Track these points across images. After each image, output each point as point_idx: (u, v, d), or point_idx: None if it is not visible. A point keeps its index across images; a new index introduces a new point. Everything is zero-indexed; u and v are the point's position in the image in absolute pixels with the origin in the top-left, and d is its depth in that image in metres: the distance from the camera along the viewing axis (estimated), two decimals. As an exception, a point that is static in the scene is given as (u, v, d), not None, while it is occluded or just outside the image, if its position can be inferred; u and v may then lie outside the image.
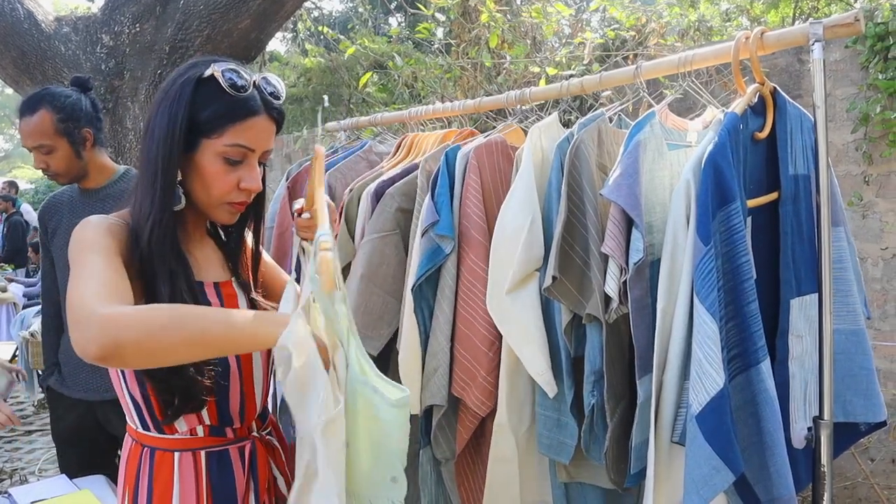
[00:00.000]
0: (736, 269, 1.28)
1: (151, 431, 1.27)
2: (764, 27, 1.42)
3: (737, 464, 1.20)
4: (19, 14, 4.28)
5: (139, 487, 1.26)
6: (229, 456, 1.29)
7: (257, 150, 1.21)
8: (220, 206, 1.23)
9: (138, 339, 0.95)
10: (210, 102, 1.18)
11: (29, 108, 2.17)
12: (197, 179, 1.21)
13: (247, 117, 1.19)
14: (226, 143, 1.18)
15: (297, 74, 8.45)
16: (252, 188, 1.22)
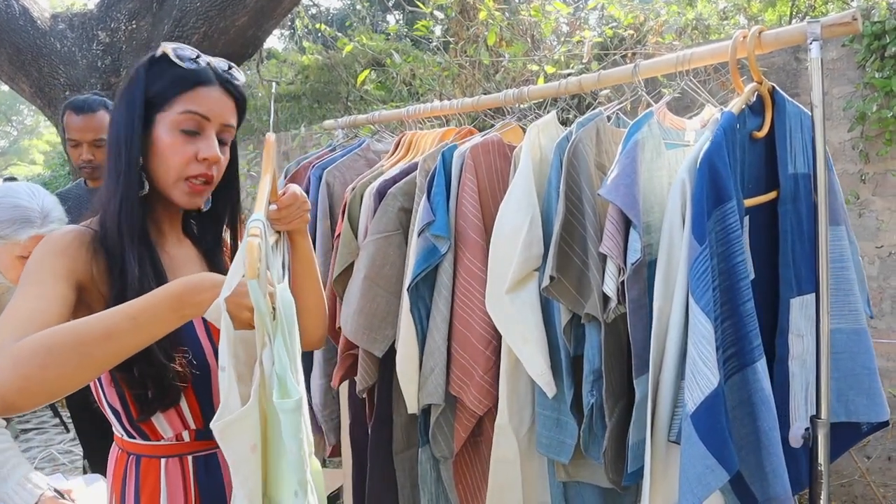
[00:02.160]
0: (732, 268, 1.28)
1: (136, 439, 1.25)
2: (762, 26, 1.42)
3: (731, 462, 1.20)
4: (14, 10, 4.26)
5: (126, 495, 1.24)
6: (217, 459, 1.27)
7: (213, 120, 1.20)
8: (178, 183, 1.19)
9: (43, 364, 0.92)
10: (161, 76, 1.19)
11: (89, 107, 2.47)
12: (156, 156, 1.19)
13: (196, 85, 1.19)
14: (178, 111, 1.17)
15: (294, 72, 8.44)
16: (209, 156, 1.18)
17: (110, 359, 0.98)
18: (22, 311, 1.02)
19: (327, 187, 2.19)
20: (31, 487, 1.84)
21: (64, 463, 4.53)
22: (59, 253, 1.12)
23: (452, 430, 1.82)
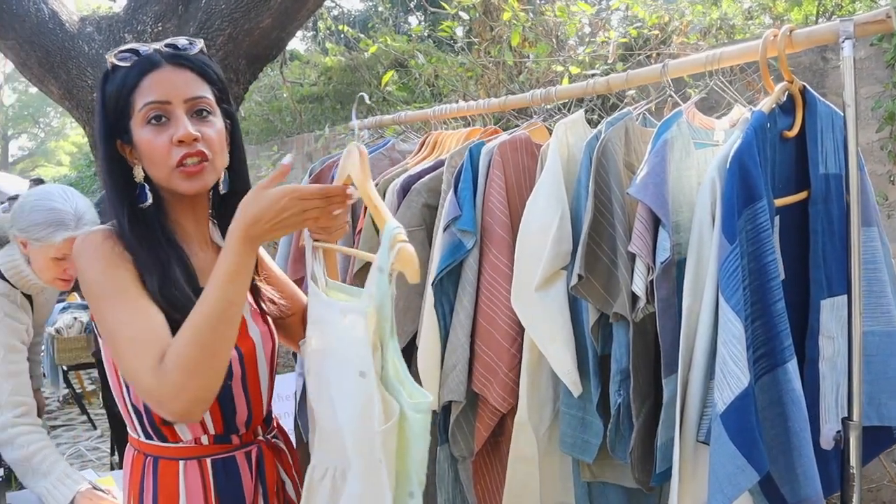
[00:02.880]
0: (762, 268, 1.27)
1: (154, 440, 1.24)
2: (792, 25, 1.41)
3: (762, 463, 1.19)
4: (44, 14, 4.33)
5: (143, 497, 1.23)
6: (236, 462, 1.27)
7: (174, 101, 1.16)
8: (171, 174, 1.17)
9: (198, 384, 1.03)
10: (113, 86, 1.17)
11: None
12: (145, 161, 1.18)
13: (142, 76, 1.16)
14: (139, 108, 1.16)
15: (317, 73, 8.49)
16: (183, 136, 1.14)
17: (237, 325, 1.08)
18: (138, 332, 1.08)
19: (352, 187, 2.21)
20: (70, 483, 1.88)
21: (91, 459, 4.59)
22: (114, 263, 1.14)
23: (473, 428, 1.82)
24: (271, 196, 1.06)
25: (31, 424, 1.95)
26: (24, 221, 1.97)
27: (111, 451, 4.00)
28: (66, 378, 5.23)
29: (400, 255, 1.01)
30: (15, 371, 1.97)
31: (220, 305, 1.05)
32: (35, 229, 1.96)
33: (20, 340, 2.03)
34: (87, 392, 5.73)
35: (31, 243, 1.98)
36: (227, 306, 1.05)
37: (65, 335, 4.69)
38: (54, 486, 1.87)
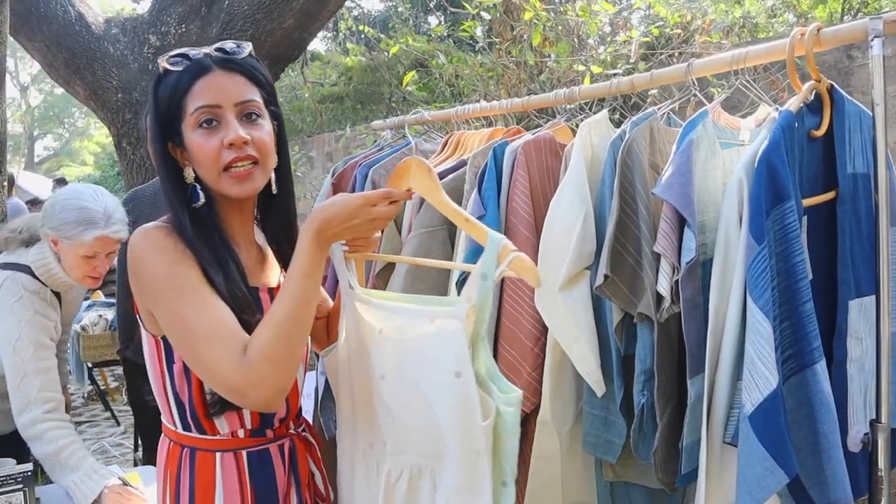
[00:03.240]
0: (791, 268, 1.26)
1: (192, 432, 1.27)
2: (820, 23, 1.40)
3: (791, 465, 1.18)
4: (71, 16, 4.40)
5: (181, 487, 1.26)
6: (270, 454, 1.30)
7: (224, 105, 1.18)
8: (221, 178, 1.20)
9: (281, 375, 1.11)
10: (165, 90, 1.20)
11: None
12: (195, 164, 1.21)
13: (195, 80, 1.18)
14: (191, 112, 1.18)
15: (337, 73, 8.53)
16: (233, 139, 1.17)
17: (311, 321, 1.16)
18: (215, 327, 1.13)
19: (373, 185, 2.22)
20: (98, 478, 1.91)
21: (115, 455, 4.65)
22: (179, 259, 1.17)
23: None
24: (344, 201, 1.14)
25: (60, 420, 1.97)
26: (55, 220, 2.01)
27: (134, 447, 4.05)
28: (90, 375, 5.30)
29: (518, 265, 1.10)
30: (44, 368, 2.00)
31: (298, 302, 1.12)
32: (66, 228, 1.99)
33: (49, 337, 2.06)
34: (110, 389, 5.80)
35: (62, 241, 2.02)
36: (304, 304, 1.13)
37: (90, 332, 4.75)
38: (82, 481, 1.90)
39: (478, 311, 1.10)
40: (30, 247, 2.13)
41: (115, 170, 12.24)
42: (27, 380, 1.97)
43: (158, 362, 1.27)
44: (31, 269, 2.08)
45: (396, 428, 1.22)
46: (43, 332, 2.04)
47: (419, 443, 1.19)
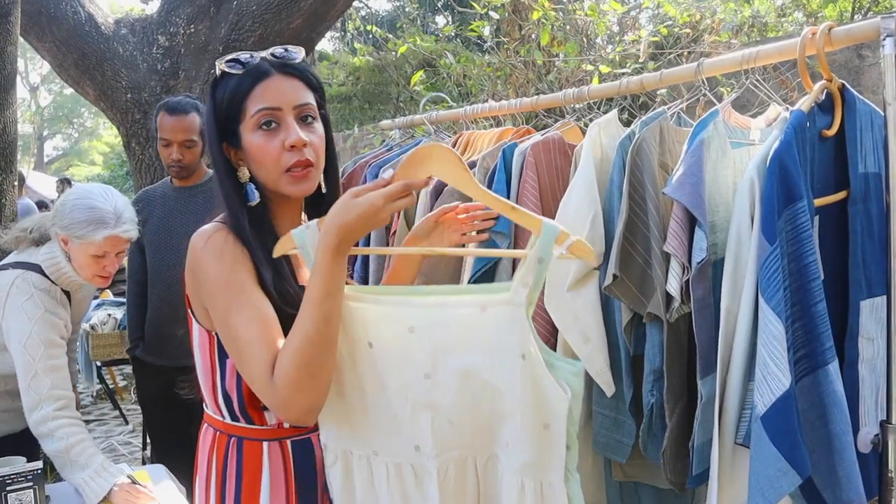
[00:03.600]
0: (803, 268, 1.26)
1: (240, 422, 1.32)
2: (831, 23, 1.39)
3: (804, 466, 1.18)
4: (81, 17, 4.41)
5: (227, 475, 1.32)
6: (311, 443, 1.34)
7: (284, 108, 1.22)
8: (281, 178, 1.23)
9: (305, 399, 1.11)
10: (225, 92, 1.24)
11: (182, 108, 2.62)
12: (254, 164, 1.25)
13: (256, 83, 1.23)
14: (251, 114, 1.22)
15: (345, 73, 8.54)
16: (295, 142, 1.21)
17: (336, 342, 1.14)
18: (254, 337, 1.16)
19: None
20: (107, 475, 1.92)
21: (124, 454, 4.67)
22: (238, 261, 1.21)
23: None
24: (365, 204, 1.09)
25: (71, 418, 1.98)
26: (65, 219, 2.02)
27: (143, 445, 4.06)
28: (99, 374, 5.32)
29: (578, 247, 1.15)
30: (55, 366, 2.01)
31: (318, 325, 1.09)
32: (76, 227, 2.01)
33: (59, 336, 2.07)
34: (119, 388, 5.82)
35: (72, 241, 2.03)
36: (325, 325, 1.10)
37: (99, 331, 4.78)
38: (91, 479, 1.91)
39: (533, 294, 1.14)
40: (40, 246, 2.14)
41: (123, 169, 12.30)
42: (38, 378, 1.98)
43: (210, 356, 1.33)
44: (42, 267, 2.09)
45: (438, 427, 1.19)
46: (53, 330, 2.05)
47: (470, 435, 1.19)
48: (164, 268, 2.70)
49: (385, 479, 1.24)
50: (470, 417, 1.19)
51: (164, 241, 2.71)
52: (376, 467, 1.24)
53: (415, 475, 1.22)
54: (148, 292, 2.76)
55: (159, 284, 2.72)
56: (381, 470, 1.24)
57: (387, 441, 1.23)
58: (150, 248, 2.73)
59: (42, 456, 2.14)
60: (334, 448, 1.26)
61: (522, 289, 1.13)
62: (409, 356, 1.19)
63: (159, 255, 2.72)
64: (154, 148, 2.93)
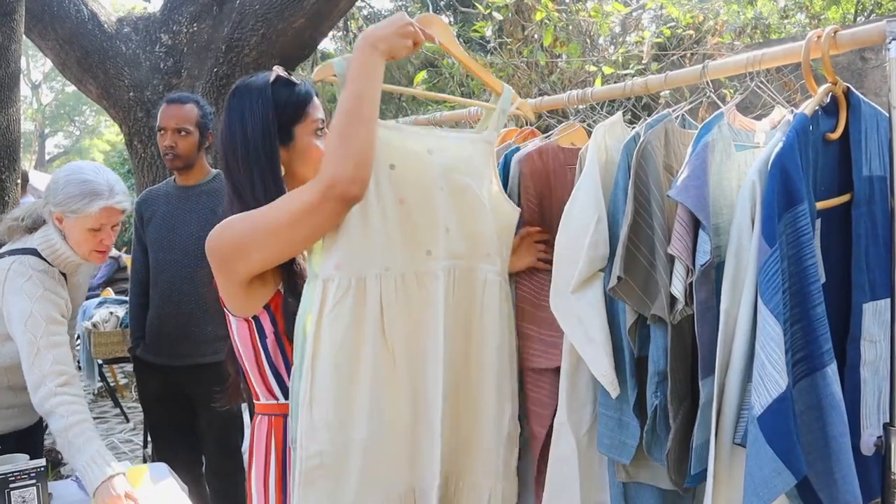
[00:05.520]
0: (802, 271, 1.26)
1: None
2: (836, 25, 1.39)
3: (799, 467, 1.18)
4: (84, 15, 4.42)
5: (287, 456, 1.43)
6: None
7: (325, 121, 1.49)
8: None
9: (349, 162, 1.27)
10: (287, 94, 1.44)
11: (180, 99, 2.71)
12: (303, 162, 1.46)
13: (313, 96, 1.49)
14: (310, 121, 1.46)
15: (347, 73, 8.49)
16: None
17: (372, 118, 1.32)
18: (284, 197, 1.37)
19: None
20: (101, 465, 1.87)
21: (125, 452, 4.68)
22: None
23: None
24: (391, 17, 1.40)
25: (73, 395, 1.97)
26: (59, 195, 2.03)
27: (144, 443, 4.07)
28: (100, 372, 5.33)
29: (523, 106, 1.79)
30: (56, 342, 2.00)
31: (353, 100, 1.30)
32: (71, 202, 2.02)
33: (60, 313, 2.07)
34: (120, 386, 5.83)
35: (67, 217, 2.04)
36: (357, 101, 1.30)
37: (101, 329, 4.78)
38: (88, 466, 1.88)
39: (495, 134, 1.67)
40: (33, 233, 2.14)
41: (125, 168, 12.28)
42: (40, 355, 1.97)
43: (252, 343, 1.45)
44: (38, 251, 2.09)
45: (451, 236, 1.49)
46: (55, 307, 2.05)
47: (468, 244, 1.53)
48: (167, 266, 2.71)
49: (394, 291, 1.40)
50: (468, 228, 1.51)
51: (166, 239, 2.71)
52: (385, 283, 1.40)
53: (418, 282, 1.44)
54: (150, 291, 2.76)
55: (161, 283, 2.73)
56: (390, 284, 1.40)
57: (399, 253, 1.43)
58: (153, 248, 2.74)
59: (43, 454, 2.14)
60: (346, 275, 1.38)
61: (493, 132, 1.64)
62: (427, 173, 1.47)
63: (162, 254, 2.72)
64: (156, 146, 2.95)
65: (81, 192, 2.02)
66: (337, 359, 1.35)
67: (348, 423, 1.35)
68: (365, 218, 1.38)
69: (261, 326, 1.44)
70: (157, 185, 3.01)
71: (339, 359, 1.35)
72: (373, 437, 1.36)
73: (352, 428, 1.35)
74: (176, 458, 2.57)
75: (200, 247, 2.65)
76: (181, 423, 2.81)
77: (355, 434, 1.35)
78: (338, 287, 1.36)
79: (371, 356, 1.37)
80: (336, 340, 1.35)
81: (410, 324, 1.43)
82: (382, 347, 1.39)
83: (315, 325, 1.35)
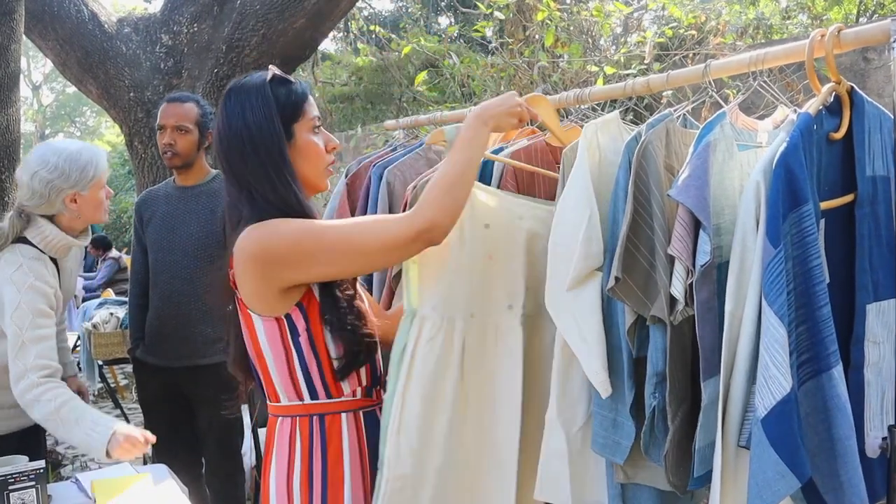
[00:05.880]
0: (807, 272, 1.25)
1: (319, 398, 1.45)
2: (840, 25, 1.39)
3: (803, 470, 1.17)
4: (84, 15, 4.42)
5: (313, 457, 1.44)
6: (376, 415, 1.52)
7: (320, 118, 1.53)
8: (322, 173, 1.51)
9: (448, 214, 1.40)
10: (285, 92, 1.45)
11: (181, 98, 2.72)
12: (304, 160, 1.47)
13: (308, 93, 1.51)
14: (309, 118, 1.48)
15: (348, 73, 8.54)
16: (335, 144, 1.55)
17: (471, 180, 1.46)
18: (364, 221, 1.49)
19: (388, 186, 2.21)
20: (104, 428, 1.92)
21: (125, 453, 4.65)
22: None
23: None
24: (503, 96, 1.53)
25: (57, 383, 1.98)
26: (71, 177, 2.09)
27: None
28: (100, 373, 5.32)
29: None
30: (41, 336, 2.01)
31: (463, 165, 1.42)
32: (83, 174, 2.11)
33: (49, 305, 2.07)
34: (120, 387, 5.83)
35: (83, 191, 2.12)
36: (467, 167, 1.43)
37: (101, 330, 4.78)
38: (89, 435, 1.91)
39: None
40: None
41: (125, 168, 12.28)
42: (24, 348, 1.97)
43: (283, 342, 1.44)
44: (27, 238, 2.11)
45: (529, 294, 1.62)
46: (43, 299, 2.05)
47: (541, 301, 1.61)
48: (166, 267, 2.70)
49: (475, 336, 1.53)
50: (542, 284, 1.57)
51: (166, 240, 2.70)
52: (469, 327, 1.53)
53: (496, 332, 1.55)
54: (150, 292, 2.76)
55: (161, 284, 2.72)
56: (474, 328, 1.53)
57: (484, 303, 1.55)
58: (153, 248, 2.73)
59: (45, 455, 2.14)
60: (440, 315, 1.53)
61: None
62: (515, 236, 1.60)
63: (161, 255, 2.71)
64: (157, 147, 2.94)
65: (83, 163, 2.11)
66: (424, 390, 1.49)
67: (428, 452, 1.48)
68: (459, 267, 1.53)
69: (293, 325, 1.43)
70: (156, 185, 3.00)
71: (426, 391, 1.49)
72: (446, 466, 1.50)
73: (430, 456, 1.48)
74: (176, 460, 2.56)
75: (200, 247, 2.68)
76: (181, 425, 2.80)
77: (433, 462, 1.48)
78: (431, 326, 1.52)
79: (450, 393, 1.51)
80: (425, 374, 1.50)
81: (484, 370, 1.56)
82: (459, 386, 1.53)
83: (410, 356, 1.50)
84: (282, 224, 1.38)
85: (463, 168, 1.42)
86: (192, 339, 2.66)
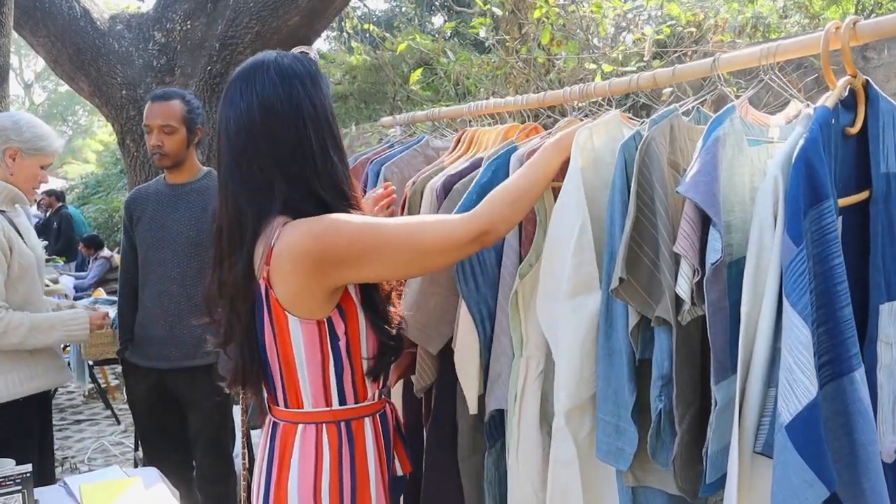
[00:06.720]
0: (828, 271, 1.21)
1: (347, 404, 1.43)
2: (855, 17, 1.35)
3: (831, 478, 1.12)
4: (76, 12, 4.36)
5: (343, 463, 1.41)
6: (387, 415, 1.54)
7: None
8: None
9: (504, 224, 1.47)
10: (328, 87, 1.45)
11: (165, 96, 2.62)
12: None
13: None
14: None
15: (342, 72, 8.49)
16: None
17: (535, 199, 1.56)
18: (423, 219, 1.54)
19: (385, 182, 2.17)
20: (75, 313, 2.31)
21: (115, 454, 4.61)
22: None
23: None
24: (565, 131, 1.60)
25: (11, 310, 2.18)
26: (25, 134, 2.25)
27: (135, 446, 4.00)
28: (91, 373, 5.26)
29: None
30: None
31: (529, 181, 1.50)
32: (37, 139, 2.26)
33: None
34: (111, 387, 5.76)
35: (27, 154, 2.26)
36: (536, 185, 1.51)
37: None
38: (68, 326, 2.24)
39: None
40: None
41: (117, 167, 12.21)
42: None
43: (321, 346, 1.38)
44: None
45: None
46: None
47: None
48: (156, 265, 2.65)
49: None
50: None
51: (156, 238, 2.65)
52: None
53: None
54: (139, 292, 2.70)
55: (150, 283, 2.66)
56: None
57: None
58: (143, 247, 2.67)
59: (32, 458, 2.09)
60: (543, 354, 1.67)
61: None
62: None
63: (151, 253, 2.65)
64: (149, 144, 2.88)
65: (47, 133, 2.27)
66: (537, 420, 1.65)
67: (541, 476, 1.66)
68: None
69: (333, 328, 1.37)
70: (147, 183, 2.94)
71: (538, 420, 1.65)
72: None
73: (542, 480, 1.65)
74: (167, 462, 2.52)
75: (191, 246, 2.63)
76: (171, 428, 2.75)
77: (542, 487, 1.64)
78: (537, 364, 1.65)
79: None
80: (536, 406, 1.65)
81: None
82: None
83: (521, 391, 1.65)
84: (340, 219, 1.32)
85: (531, 184, 1.49)
86: (182, 340, 2.61)
